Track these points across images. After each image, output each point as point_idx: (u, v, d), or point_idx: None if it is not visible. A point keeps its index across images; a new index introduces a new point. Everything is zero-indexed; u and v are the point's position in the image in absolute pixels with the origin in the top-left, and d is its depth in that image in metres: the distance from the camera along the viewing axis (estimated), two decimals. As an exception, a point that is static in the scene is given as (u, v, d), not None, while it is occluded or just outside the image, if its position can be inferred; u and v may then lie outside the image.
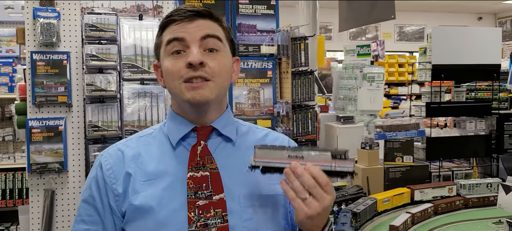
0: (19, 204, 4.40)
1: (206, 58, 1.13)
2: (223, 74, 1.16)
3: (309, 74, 2.97)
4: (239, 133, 1.25)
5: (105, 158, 1.20)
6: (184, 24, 1.14)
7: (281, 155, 1.08)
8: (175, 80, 1.14)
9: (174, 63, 1.14)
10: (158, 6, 2.79)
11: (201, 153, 1.17)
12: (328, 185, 1.05)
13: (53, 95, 2.56)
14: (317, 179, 1.04)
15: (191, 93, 1.13)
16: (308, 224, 1.07)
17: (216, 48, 1.16)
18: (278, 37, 2.92)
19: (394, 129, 2.78)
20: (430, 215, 2.34)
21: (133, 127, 2.62)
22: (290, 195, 1.05)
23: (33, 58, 2.54)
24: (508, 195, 1.79)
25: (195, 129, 1.19)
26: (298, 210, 1.05)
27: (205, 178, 1.14)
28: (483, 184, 2.54)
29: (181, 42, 1.14)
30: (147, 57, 2.66)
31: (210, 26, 1.16)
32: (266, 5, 2.95)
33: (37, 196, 2.57)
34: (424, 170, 2.76)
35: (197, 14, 1.15)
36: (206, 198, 1.13)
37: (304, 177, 1.04)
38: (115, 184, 1.16)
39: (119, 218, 1.16)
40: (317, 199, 1.04)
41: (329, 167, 1.08)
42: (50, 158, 2.56)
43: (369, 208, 2.24)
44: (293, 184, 1.04)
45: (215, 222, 1.11)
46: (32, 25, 2.56)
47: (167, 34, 1.16)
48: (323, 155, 1.08)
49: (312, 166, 1.05)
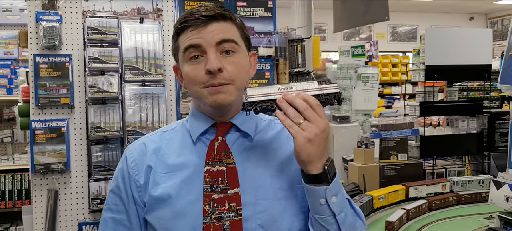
0: (18, 205, 4.44)
1: (223, 62, 1.16)
2: (241, 75, 1.20)
3: (306, 75, 3.03)
4: (258, 127, 1.28)
5: (130, 151, 1.28)
6: (199, 30, 1.17)
7: (272, 89, 1.13)
8: (196, 86, 1.18)
9: (193, 69, 1.18)
10: (158, 9, 2.84)
11: (218, 148, 1.21)
12: (319, 106, 1.09)
13: (56, 97, 2.60)
14: (308, 100, 1.08)
15: (213, 97, 1.16)
16: (308, 149, 1.08)
17: (232, 49, 1.18)
18: (275, 39, 2.98)
19: (389, 128, 2.86)
20: (425, 211, 2.41)
21: (134, 128, 2.67)
22: (287, 123, 1.08)
23: (36, 61, 2.58)
24: (499, 190, 1.87)
25: (215, 124, 1.24)
26: (296, 136, 1.07)
27: (221, 172, 1.18)
28: (475, 181, 2.62)
29: (198, 48, 1.17)
30: (148, 59, 2.72)
31: (225, 29, 1.18)
32: (263, 7, 3.01)
33: (41, 196, 2.62)
34: (418, 167, 2.84)
35: (211, 18, 1.17)
36: (221, 192, 1.17)
37: (296, 100, 1.08)
38: (138, 176, 1.23)
39: (142, 208, 1.22)
40: (311, 121, 1.07)
41: (317, 91, 1.13)
42: (53, 158, 2.60)
43: (366, 205, 2.31)
44: (288, 110, 1.08)
45: (229, 215, 1.16)
46: (35, 28, 2.60)
47: (183, 40, 1.19)
48: (310, 83, 1.14)
49: (301, 91, 1.11)
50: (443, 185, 2.61)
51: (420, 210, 2.38)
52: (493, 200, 1.90)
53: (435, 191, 2.58)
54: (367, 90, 4.10)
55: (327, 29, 11.19)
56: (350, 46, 4.66)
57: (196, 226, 1.15)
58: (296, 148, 1.08)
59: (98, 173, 2.65)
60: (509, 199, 1.81)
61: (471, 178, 2.64)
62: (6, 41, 4.60)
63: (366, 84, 4.10)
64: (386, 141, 2.84)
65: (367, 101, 4.10)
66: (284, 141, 1.27)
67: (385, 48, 11.34)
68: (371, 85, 4.10)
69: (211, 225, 1.15)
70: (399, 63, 10.89)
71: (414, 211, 2.33)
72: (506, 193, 1.83)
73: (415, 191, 2.55)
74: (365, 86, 4.08)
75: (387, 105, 10.10)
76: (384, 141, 2.85)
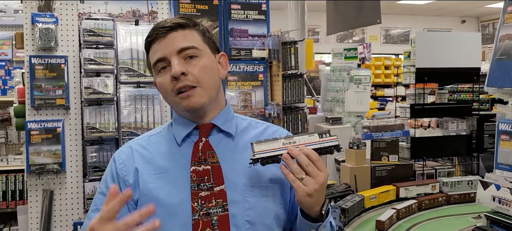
0: (12, 206, 4.44)
1: (187, 66, 1.23)
2: (207, 76, 1.26)
3: (299, 77, 3.08)
4: (239, 128, 1.35)
5: (118, 154, 1.34)
6: (160, 42, 1.25)
7: (277, 144, 1.22)
8: (168, 95, 1.26)
9: (162, 80, 1.26)
10: (153, 11, 2.88)
11: (203, 148, 1.28)
12: (320, 161, 1.19)
13: (51, 98, 2.63)
14: (310, 156, 1.18)
15: (185, 102, 1.24)
16: (308, 201, 1.18)
17: (194, 54, 1.25)
18: (269, 41, 3.02)
19: (380, 129, 2.90)
20: (414, 210, 2.46)
21: (129, 129, 2.70)
22: (290, 178, 1.17)
23: (32, 62, 2.61)
24: (486, 190, 1.91)
25: (197, 126, 1.30)
26: (298, 190, 1.17)
27: (206, 171, 1.25)
28: (464, 182, 2.67)
29: (164, 60, 1.25)
30: (143, 61, 2.75)
31: (184, 37, 1.26)
32: (257, 10, 3.05)
33: (36, 197, 2.64)
34: (408, 168, 2.88)
35: (170, 29, 1.25)
36: (208, 190, 1.24)
37: (300, 157, 1.17)
38: (127, 176, 1.29)
39: (133, 206, 1.28)
40: (313, 176, 1.17)
41: (318, 144, 1.23)
42: (48, 159, 2.63)
43: (357, 205, 2.35)
44: (291, 166, 1.17)
45: (216, 211, 1.23)
46: (31, 30, 2.63)
47: (152, 55, 1.28)
48: (311, 136, 1.24)
49: (304, 146, 1.20)
50: (433, 185, 2.65)
51: (410, 210, 2.42)
52: (481, 200, 1.94)
53: (425, 191, 2.62)
54: (360, 93, 4.15)
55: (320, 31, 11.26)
56: (343, 49, 4.71)
57: (186, 222, 1.22)
58: (297, 199, 1.20)
59: (93, 173, 2.67)
60: (495, 199, 1.86)
61: (460, 179, 2.69)
62: (0, 42, 4.61)
63: (359, 86, 4.15)
64: (378, 142, 2.89)
65: (360, 103, 4.14)
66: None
67: (378, 51, 11.43)
68: (364, 88, 4.15)
69: (200, 221, 1.22)
70: (392, 66, 10.96)
71: (404, 211, 2.37)
72: (493, 193, 1.88)
73: (405, 192, 2.60)
74: (357, 88, 4.13)
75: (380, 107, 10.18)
76: (376, 142, 2.89)
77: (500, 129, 1.89)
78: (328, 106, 4.60)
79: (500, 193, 1.84)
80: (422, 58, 2.92)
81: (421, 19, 11.86)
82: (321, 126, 3.75)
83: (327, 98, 4.63)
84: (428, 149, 2.96)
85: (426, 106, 3.04)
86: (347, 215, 2.22)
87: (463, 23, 12.53)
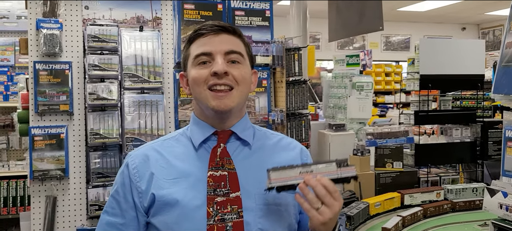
0: (13, 212, 4.43)
1: (229, 68, 1.25)
2: (245, 83, 1.28)
3: (303, 83, 3.07)
4: (255, 137, 1.36)
5: (132, 159, 1.32)
6: (210, 37, 1.26)
7: (294, 173, 1.21)
8: (200, 86, 1.25)
9: (199, 72, 1.26)
10: (158, 17, 2.88)
11: (221, 154, 1.28)
12: (336, 192, 1.18)
13: (55, 104, 2.62)
14: (328, 188, 1.17)
15: (216, 102, 1.24)
16: (322, 228, 1.19)
17: (238, 60, 1.28)
18: (273, 48, 3.02)
19: (384, 136, 2.90)
20: (420, 218, 2.45)
21: (133, 135, 2.69)
22: (305, 207, 1.17)
23: (36, 68, 2.60)
24: (493, 198, 1.90)
25: (216, 132, 1.31)
26: (313, 219, 1.17)
27: (223, 177, 1.25)
28: (469, 189, 2.66)
29: (208, 55, 1.26)
30: (147, 67, 2.74)
31: (234, 42, 1.28)
32: (261, 17, 3.06)
33: (39, 203, 2.63)
34: (413, 175, 2.88)
35: (222, 29, 1.27)
36: (224, 195, 1.24)
37: (317, 187, 1.16)
38: (139, 182, 1.28)
39: (142, 213, 1.28)
40: (328, 206, 1.16)
41: (336, 175, 1.21)
42: (52, 165, 2.62)
43: (362, 212, 2.35)
44: (308, 196, 1.17)
45: (231, 217, 1.22)
46: (35, 35, 2.63)
47: (195, 48, 1.28)
48: (329, 166, 1.22)
49: (322, 177, 1.19)
50: (437, 192, 2.65)
51: (415, 217, 2.41)
52: (487, 207, 1.94)
53: (430, 198, 2.61)
54: (362, 99, 4.15)
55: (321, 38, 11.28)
56: (344, 55, 4.71)
57: (201, 227, 1.22)
58: (311, 226, 1.20)
59: (96, 179, 2.66)
60: (502, 206, 1.86)
61: (465, 186, 2.68)
62: (3, 48, 4.61)
63: (361, 93, 4.15)
64: (382, 149, 2.88)
65: (362, 110, 4.14)
66: (280, 151, 1.36)
67: (379, 58, 11.44)
68: (366, 94, 4.15)
69: (215, 226, 1.22)
70: (392, 73, 10.96)
71: (409, 218, 2.37)
72: (500, 200, 1.87)
73: (410, 199, 2.59)
74: (359, 95, 4.13)
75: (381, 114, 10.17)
76: (380, 149, 2.89)
77: (507, 136, 1.88)
78: (330, 113, 4.60)
79: (508, 201, 1.83)
80: (426, 65, 2.92)
81: (421, 26, 11.88)
82: (324, 133, 3.75)
83: (329, 104, 4.63)
84: (432, 156, 2.95)
85: (430, 113, 3.04)
86: (352, 222, 2.21)
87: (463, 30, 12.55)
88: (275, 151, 1.36)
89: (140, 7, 2.84)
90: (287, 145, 1.39)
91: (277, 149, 1.36)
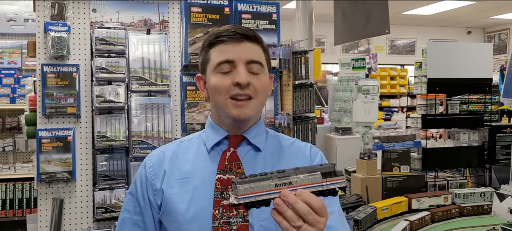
0: (19, 214, 4.44)
1: (250, 78, 1.25)
2: (264, 92, 1.29)
3: (309, 87, 3.07)
4: (267, 141, 1.36)
5: (149, 158, 1.36)
6: (234, 45, 1.25)
7: (268, 185, 0.99)
8: (221, 95, 1.25)
9: (221, 80, 1.25)
10: (165, 20, 2.88)
11: (230, 158, 1.29)
12: (322, 208, 0.99)
13: (63, 107, 2.63)
14: (312, 204, 0.98)
15: (236, 111, 1.24)
16: None
17: (258, 72, 1.27)
18: (279, 51, 3.01)
19: (391, 140, 2.89)
20: (428, 222, 2.44)
21: (140, 137, 2.69)
22: (283, 226, 0.98)
23: (44, 71, 2.61)
24: (502, 202, 1.89)
25: (228, 136, 1.32)
26: None
27: (230, 181, 1.24)
28: (477, 193, 2.65)
29: (231, 64, 1.25)
30: (154, 69, 2.75)
31: (255, 51, 1.27)
32: (268, 20, 3.05)
33: (46, 205, 2.63)
34: (420, 179, 2.86)
35: (245, 37, 1.26)
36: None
37: (298, 204, 0.97)
38: (154, 181, 1.31)
39: (156, 210, 1.30)
40: (312, 224, 0.98)
41: (320, 187, 1.01)
42: (59, 167, 2.62)
43: (370, 216, 2.34)
44: (286, 214, 0.97)
45: (236, 220, 1.23)
46: (43, 38, 2.64)
47: (217, 54, 1.27)
48: (312, 175, 1.01)
49: (303, 191, 0.99)
50: (445, 197, 2.63)
51: (423, 222, 2.40)
52: (497, 212, 1.92)
53: (437, 203, 2.60)
54: (368, 103, 4.15)
55: (326, 41, 11.27)
56: (350, 59, 4.71)
57: (206, 229, 1.23)
58: None
59: (103, 182, 2.66)
60: (512, 211, 1.84)
61: (473, 191, 2.67)
62: (10, 51, 4.63)
63: (367, 96, 4.14)
64: (389, 152, 2.87)
65: (368, 113, 4.14)
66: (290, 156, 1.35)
67: (384, 61, 11.41)
68: (372, 98, 4.14)
69: (220, 229, 1.23)
70: (398, 76, 10.94)
71: (417, 223, 2.35)
72: (509, 205, 1.86)
73: (417, 203, 2.58)
74: (365, 98, 4.13)
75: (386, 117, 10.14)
76: (387, 152, 2.88)
77: (517, 140, 1.87)
78: (336, 116, 4.59)
79: (517, 205, 1.82)
80: (434, 69, 2.91)
81: (427, 30, 11.84)
82: (331, 136, 3.74)
83: (335, 108, 4.63)
84: (439, 160, 2.94)
85: (437, 117, 3.03)
86: (360, 226, 2.20)
87: (469, 34, 12.51)
88: (286, 155, 1.35)
89: (148, 10, 2.85)
90: (299, 148, 1.39)
91: (288, 153, 1.36)
